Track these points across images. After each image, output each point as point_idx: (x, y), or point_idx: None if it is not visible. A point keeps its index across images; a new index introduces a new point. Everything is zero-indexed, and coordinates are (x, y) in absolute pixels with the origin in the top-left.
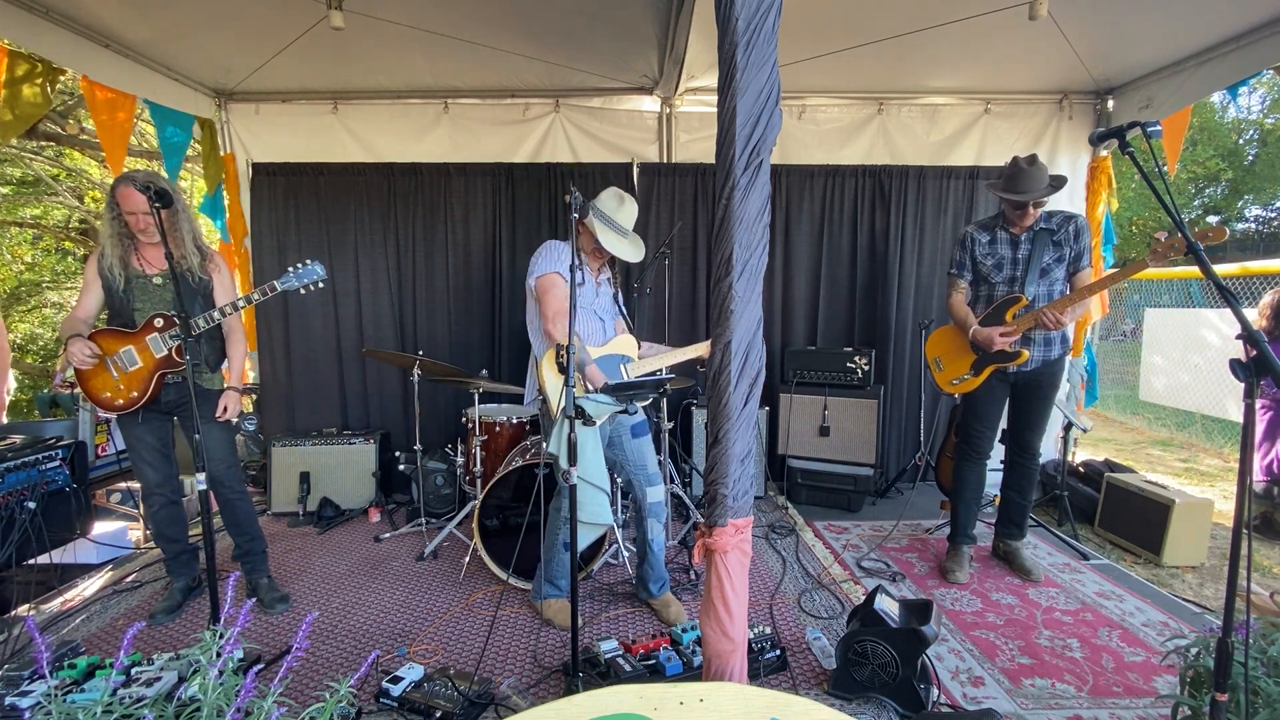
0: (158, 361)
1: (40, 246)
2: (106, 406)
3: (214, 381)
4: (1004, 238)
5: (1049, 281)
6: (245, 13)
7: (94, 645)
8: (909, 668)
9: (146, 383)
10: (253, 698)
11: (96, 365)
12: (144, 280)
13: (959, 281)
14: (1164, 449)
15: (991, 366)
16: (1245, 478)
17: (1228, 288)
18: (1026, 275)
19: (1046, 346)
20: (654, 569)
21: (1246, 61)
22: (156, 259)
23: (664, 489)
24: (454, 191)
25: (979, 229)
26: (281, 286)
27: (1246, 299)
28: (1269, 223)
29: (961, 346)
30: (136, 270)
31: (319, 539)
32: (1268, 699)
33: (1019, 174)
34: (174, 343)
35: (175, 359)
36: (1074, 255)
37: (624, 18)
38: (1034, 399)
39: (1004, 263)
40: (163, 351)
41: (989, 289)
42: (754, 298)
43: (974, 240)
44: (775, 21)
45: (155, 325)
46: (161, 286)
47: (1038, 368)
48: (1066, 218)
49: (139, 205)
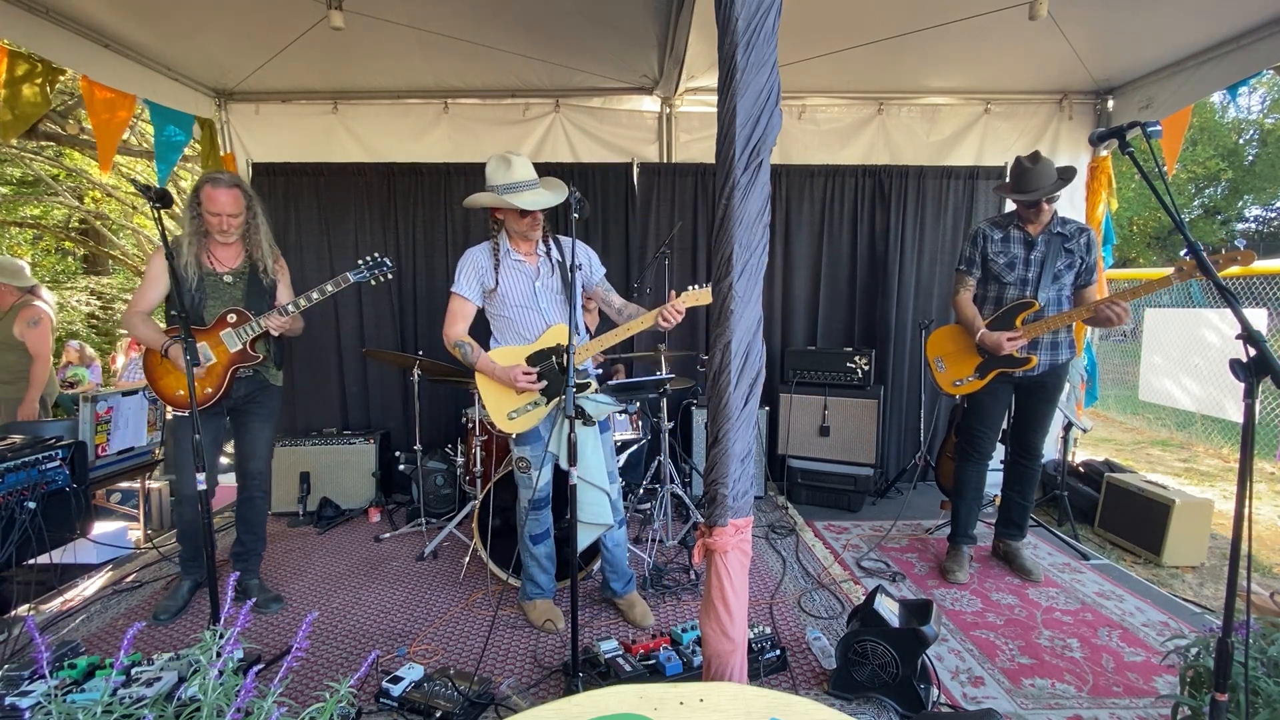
0: (233, 356)
1: (40, 246)
2: (178, 403)
3: (277, 378)
4: (1018, 237)
5: (1059, 287)
6: (245, 13)
7: (94, 645)
8: (909, 668)
9: (222, 378)
10: (253, 698)
11: (165, 364)
12: (215, 278)
13: (967, 279)
14: (1164, 449)
15: (997, 370)
16: (1245, 478)
17: (1228, 288)
18: (1041, 278)
19: (1054, 350)
20: (612, 566)
21: (1246, 61)
22: (227, 258)
23: (619, 486)
24: (454, 191)
25: (992, 226)
26: (354, 278)
27: (1246, 299)
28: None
29: (965, 347)
30: (208, 268)
31: (319, 539)
32: (1268, 699)
33: (1024, 173)
34: (249, 336)
35: (250, 352)
36: (1085, 267)
37: (624, 18)
38: (1039, 401)
39: (1017, 262)
40: (237, 346)
41: (999, 289)
42: (754, 298)
43: (986, 237)
44: (775, 21)
45: (229, 321)
46: (231, 285)
47: (1045, 371)
48: (1080, 229)
49: (226, 207)
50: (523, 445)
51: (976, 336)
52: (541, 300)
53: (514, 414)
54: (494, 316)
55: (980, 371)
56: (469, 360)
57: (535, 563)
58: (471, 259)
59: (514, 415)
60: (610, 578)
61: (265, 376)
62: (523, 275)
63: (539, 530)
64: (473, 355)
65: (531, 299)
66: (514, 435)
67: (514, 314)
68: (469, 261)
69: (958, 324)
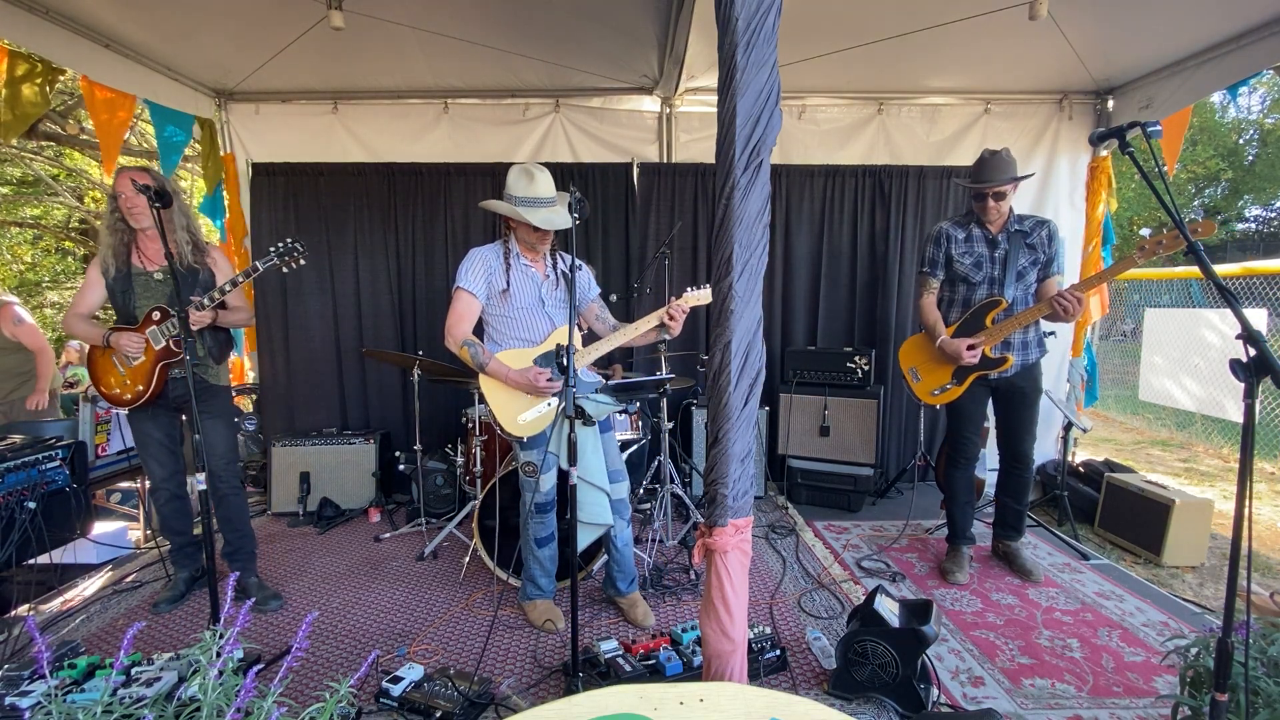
0: (157, 354)
1: (40, 246)
2: (116, 402)
3: (219, 376)
4: (980, 235)
5: (1024, 285)
6: (245, 13)
7: (94, 645)
8: (909, 668)
9: (150, 376)
10: (253, 698)
11: (105, 362)
12: (145, 277)
13: (931, 281)
14: (1164, 449)
15: (975, 374)
16: (1245, 478)
17: (1228, 288)
18: (1005, 277)
19: (1024, 350)
20: (619, 565)
21: (1246, 61)
22: (157, 255)
23: (627, 485)
24: (454, 191)
25: (954, 225)
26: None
27: (1247, 299)
28: (1269, 223)
29: (938, 354)
30: (138, 268)
31: (319, 539)
32: (1268, 699)
33: (983, 164)
34: (172, 334)
35: (173, 349)
36: (1046, 259)
37: (624, 18)
38: (1020, 405)
39: (983, 261)
40: (160, 343)
41: (967, 290)
42: (754, 298)
43: (950, 238)
44: (775, 21)
45: (153, 318)
46: (162, 282)
47: (1018, 371)
48: (1039, 222)
49: (126, 186)
50: (529, 449)
51: (936, 343)
52: (547, 304)
53: (526, 416)
54: (497, 318)
55: (958, 378)
56: (478, 361)
57: (538, 565)
58: (481, 257)
59: (526, 418)
60: (616, 577)
61: (203, 376)
62: (530, 281)
63: (544, 534)
64: (483, 356)
65: (538, 303)
66: (524, 439)
67: (520, 316)
68: (478, 260)
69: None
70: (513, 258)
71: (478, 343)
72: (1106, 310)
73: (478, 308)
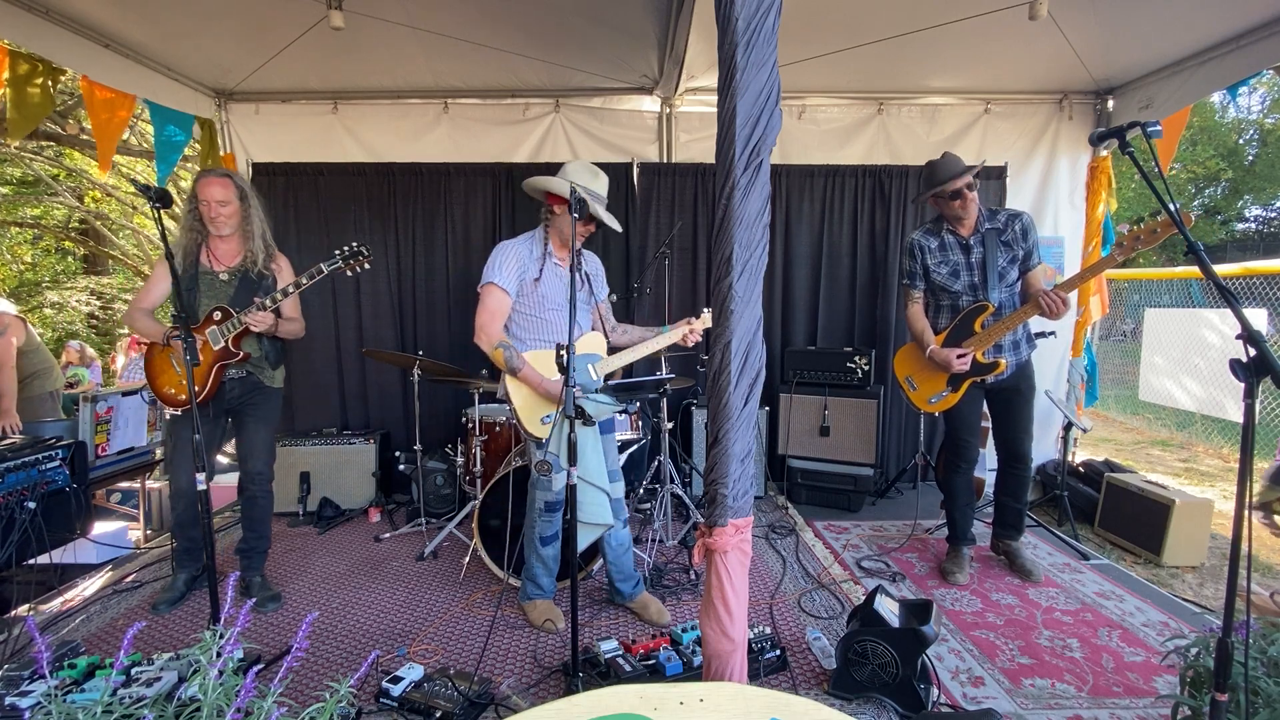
0: (215, 354)
1: (40, 246)
2: (170, 402)
3: (274, 379)
4: (953, 242)
5: (1007, 285)
6: (245, 13)
7: (94, 645)
8: (909, 668)
9: (206, 376)
10: (253, 698)
11: (163, 361)
12: (211, 276)
13: (913, 292)
14: (1164, 449)
15: (970, 380)
16: (1245, 478)
17: (1228, 288)
18: (987, 280)
19: (1016, 350)
20: (617, 568)
21: (1246, 61)
22: (226, 256)
23: (623, 486)
24: (454, 191)
25: (925, 234)
26: (328, 268)
27: (1247, 299)
28: (1269, 223)
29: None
30: (205, 267)
31: (319, 539)
32: (1268, 699)
33: (933, 170)
34: (231, 333)
35: (232, 350)
36: (1024, 254)
37: (624, 18)
38: (1016, 405)
39: (960, 268)
40: (220, 343)
41: (951, 298)
42: (754, 298)
43: (924, 249)
44: (775, 21)
45: (214, 318)
46: (227, 283)
47: (1011, 372)
48: (1012, 216)
49: (214, 194)
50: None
51: (926, 354)
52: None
53: (549, 418)
54: (525, 315)
55: (953, 385)
56: (511, 365)
57: (541, 564)
58: (514, 251)
59: (547, 419)
60: (616, 581)
61: (259, 378)
62: (560, 280)
63: (550, 533)
64: (517, 360)
65: (567, 304)
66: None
67: (552, 317)
68: (510, 253)
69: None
70: (548, 254)
71: (512, 346)
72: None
73: (509, 304)
